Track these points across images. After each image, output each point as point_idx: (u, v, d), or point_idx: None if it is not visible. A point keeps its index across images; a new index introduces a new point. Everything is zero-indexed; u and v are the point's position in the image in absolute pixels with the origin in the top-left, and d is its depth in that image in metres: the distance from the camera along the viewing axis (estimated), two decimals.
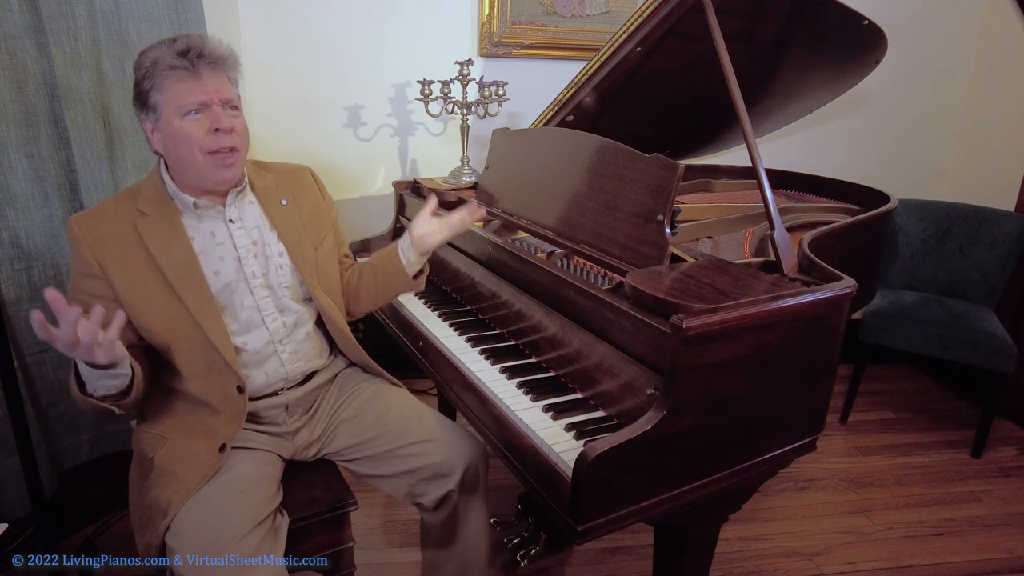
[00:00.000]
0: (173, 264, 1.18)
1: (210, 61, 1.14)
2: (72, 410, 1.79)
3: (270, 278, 1.28)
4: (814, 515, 2.06)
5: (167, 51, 1.11)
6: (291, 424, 1.35)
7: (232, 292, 1.24)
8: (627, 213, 1.31)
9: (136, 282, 1.16)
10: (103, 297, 1.15)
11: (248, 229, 1.27)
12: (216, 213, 1.24)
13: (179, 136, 1.13)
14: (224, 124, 1.14)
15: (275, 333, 1.29)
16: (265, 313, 1.28)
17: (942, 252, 2.64)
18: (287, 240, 1.31)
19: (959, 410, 2.73)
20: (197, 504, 1.12)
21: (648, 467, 0.99)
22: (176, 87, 1.12)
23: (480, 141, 2.38)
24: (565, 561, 1.82)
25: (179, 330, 1.18)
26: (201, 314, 1.18)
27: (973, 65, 2.83)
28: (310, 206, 1.38)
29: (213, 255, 1.23)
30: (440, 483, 1.31)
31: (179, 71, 1.11)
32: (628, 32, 1.57)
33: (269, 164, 1.40)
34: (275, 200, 1.32)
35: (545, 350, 1.32)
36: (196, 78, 1.12)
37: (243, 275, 1.25)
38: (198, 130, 1.13)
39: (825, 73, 2.02)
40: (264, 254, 1.28)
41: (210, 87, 1.13)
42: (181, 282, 1.18)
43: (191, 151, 1.14)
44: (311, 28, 2.32)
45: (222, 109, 1.15)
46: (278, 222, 1.31)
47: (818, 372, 1.16)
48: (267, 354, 1.29)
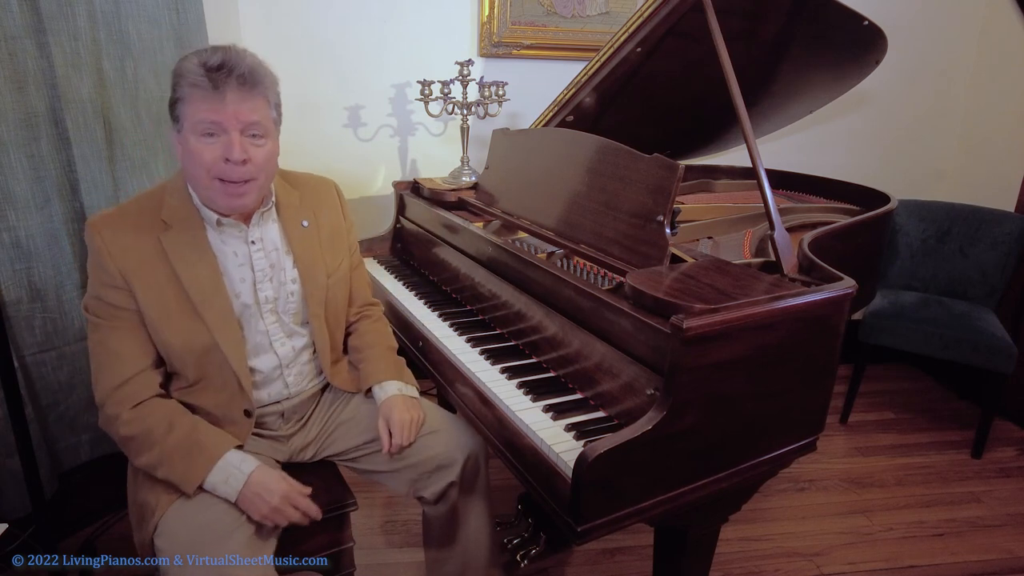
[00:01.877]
0: (197, 283, 1.15)
1: (242, 80, 1.07)
2: (72, 410, 1.79)
3: (279, 304, 1.26)
4: (814, 515, 2.06)
5: (197, 63, 1.06)
6: (286, 429, 1.35)
7: (249, 316, 1.22)
8: (627, 213, 1.31)
9: (157, 298, 1.13)
10: (127, 308, 1.13)
11: (267, 252, 1.24)
12: (239, 232, 1.21)
13: (192, 155, 1.09)
14: (235, 155, 1.07)
15: (284, 358, 1.28)
16: (274, 338, 1.26)
17: (942, 252, 2.64)
18: (301, 265, 1.28)
19: (959, 410, 2.73)
20: (184, 504, 1.11)
21: (648, 467, 0.99)
22: (197, 104, 1.06)
23: (480, 141, 2.38)
24: (565, 561, 1.82)
25: (197, 349, 1.16)
26: (222, 335, 1.16)
27: (973, 65, 2.83)
28: (330, 226, 1.35)
29: (235, 276, 1.20)
30: (442, 475, 1.31)
31: (202, 88, 1.05)
32: (628, 32, 1.57)
33: (296, 177, 1.36)
34: (297, 220, 1.29)
35: (545, 350, 1.32)
36: (218, 98, 1.05)
37: (256, 299, 1.23)
38: (209, 153, 1.08)
39: (825, 73, 2.02)
40: (278, 279, 1.26)
41: (230, 109, 1.06)
42: (205, 302, 1.15)
43: (200, 172, 1.10)
44: (311, 28, 2.32)
45: (240, 136, 1.08)
46: (296, 245, 1.27)
47: (818, 372, 1.16)
48: (273, 377, 1.29)
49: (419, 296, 1.72)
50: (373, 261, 2.03)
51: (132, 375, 1.13)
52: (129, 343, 1.13)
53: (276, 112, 1.17)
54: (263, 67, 1.12)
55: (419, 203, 1.97)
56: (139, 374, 1.13)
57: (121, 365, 1.12)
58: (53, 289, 1.69)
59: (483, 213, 1.80)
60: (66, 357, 1.74)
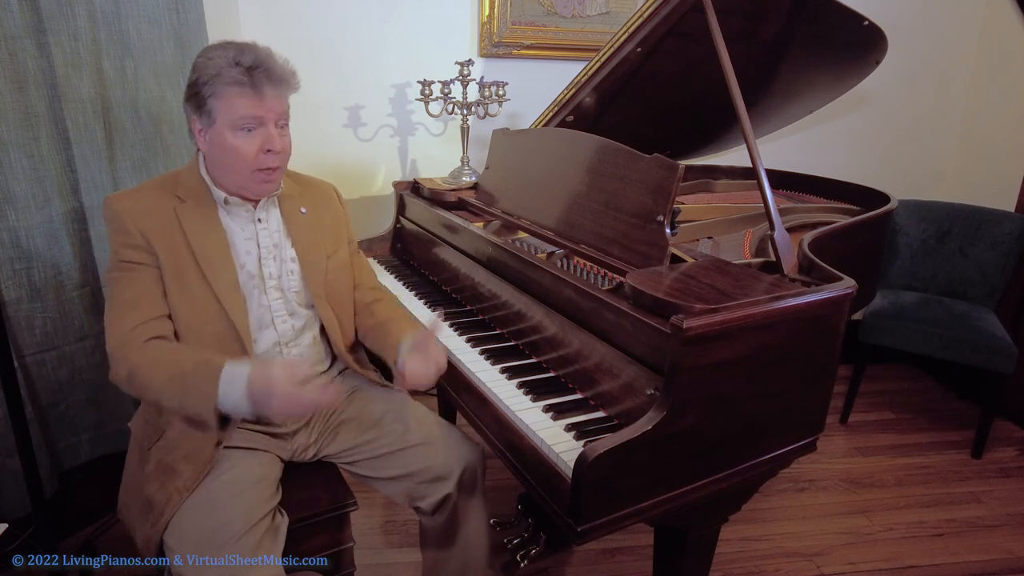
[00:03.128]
0: (207, 252, 1.21)
1: (274, 80, 1.16)
2: (72, 410, 1.79)
3: (283, 281, 1.30)
4: (814, 515, 2.06)
5: (232, 62, 1.12)
6: (290, 425, 1.35)
7: (252, 287, 1.26)
8: (627, 213, 1.31)
9: (172, 261, 1.18)
10: (147, 264, 1.17)
11: (271, 231, 1.30)
12: (245, 212, 1.27)
13: (230, 149, 1.16)
14: (276, 145, 1.18)
15: (283, 335, 1.30)
16: (276, 314, 1.29)
17: (942, 252, 2.64)
18: (299, 247, 1.32)
19: (959, 410, 2.73)
20: (196, 503, 1.12)
21: (648, 467, 0.99)
22: (236, 101, 1.13)
23: (480, 141, 2.38)
24: (565, 561, 1.82)
25: (205, 315, 1.20)
26: (228, 302, 1.21)
27: (973, 65, 2.83)
28: (330, 218, 1.41)
29: (241, 249, 1.26)
30: (438, 486, 1.32)
31: (243, 87, 1.13)
32: (628, 32, 1.57)
33: (298, 174, 1.42)
34: (295, 207, 1.34)
35: (545, 350, 1.32)
36: (259, 96, 1.14)
37: (261, 274, 1.28)
38: (249, 147, 1.16)
39: (825, 73, 2.02)
40: (280, 257, 1.31)
41: (269, 104, 1.15)
42: (213, 270, 1.20)
43: (240, 165, 1.18)
44: (311, 28, 2.32)
45: (275, 128, 1.18)
46: (294, 229, 1.33)
47: (818, 372, 1.16)
48: (273, 354, 1.29)
49: (419, 296, 1.72)
50: (373, 261, 2.03)
51: (144, 320, 1.15)
52: (145, 293, 1.16)
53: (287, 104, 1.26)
54: (287, 64, 1.21)
55: (419, 203, 1.97)
56: (152, 320, 1.16)
57: (135, 311, 1.15)
58: (53, 289, 1.69)
59: (483, 213, 1.80)
60: (66, 357, 1.74)
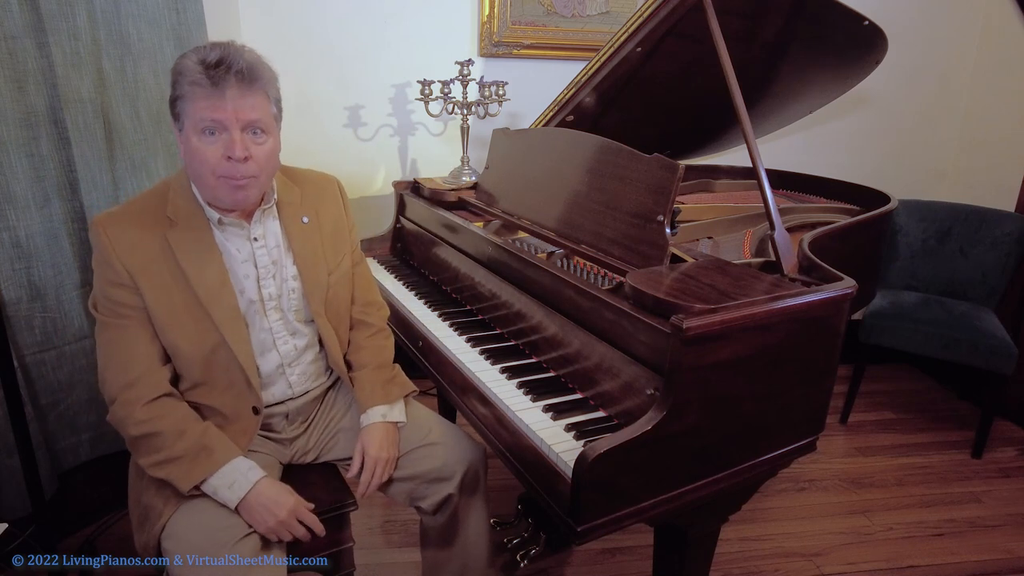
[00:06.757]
0: (204, 280, 1.14)
1: (240, 76, 1.05)
2: (72, 409, 1.79)
3: (283, 301, 1.26)
4: (814, 515, 2.06)
5: (196, 60, 1.04)
6: (289, 432, 1.35)
7: (253, 313, 1.22)
8: (627, 213, 1.31)
9: (164, 297, 1.12)
10: (134, 306, 1.11)
11: (269, 248, 1.24)
12: (240, 230, 1.20)
13: (194, 154, 1.08)
14: (236, 152, 1.07)
15: (286, 356, 1.28)
16: (277, 336, 1.26)
17: (942, 252, 2.64)
18: (301, 263, 1.27)
19: (959, 410, 2.73)
20: (193, 506, 1.11)
21: (648, 467, 0.99)
22: (197, 102, 1.05)
23: (480, 141, 2.38)
24: (565, 561, 1.82)
25: (204, 348, 1.15)
26: (229, 332, 1.16)
27: (973, 65, 2.83)
28: (332, 223, 1.33)
29: (239, 273, 1.20)
30: (440, 486, 1.31)
31: (201, 86, 1.04)
32: (628, 32, 1.57)
33: (298, 173, 1.35)
34: (297, 218, 1.27)
35: (545, 350, 1.32)
36: (218, 95, 1.04)
37: (261, 296, 1.23)
38: (211, 151, 1.07)
39: (825, 73, 2.02)
40: (280, 276, 1.25)
41: (230, 106, 1.05)
42: (212, 299, 1.14)
43: (204, 171, 1.09)
44: (311, 28, 2.32)
45: (241, 133, 1.07)
46: (296, 242, 1.26)
47: (818, 372, 1.16)
48: (276, 376, 1.28)
49: (419, 296, 1.72)
50: (373, 261, 2.03)
51: (141, 374, 1.12)
52: (138, 341, 1.13)
53: (276, 108, 1.16)
54: (262, 63, 1.10)
55: (419, 203, 1.96)
56: (148, 373, 1.13)
57: (130, 364, 1.12)
58: (53, 289, 1.69)
59: (483, 213, 1.80)
60: (66, 356, 1.74)
